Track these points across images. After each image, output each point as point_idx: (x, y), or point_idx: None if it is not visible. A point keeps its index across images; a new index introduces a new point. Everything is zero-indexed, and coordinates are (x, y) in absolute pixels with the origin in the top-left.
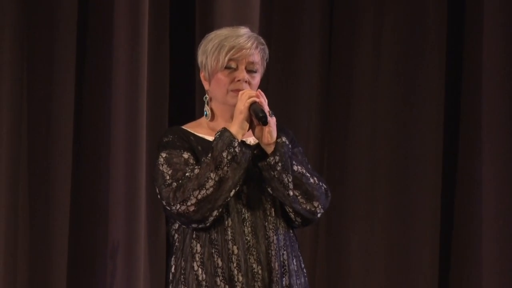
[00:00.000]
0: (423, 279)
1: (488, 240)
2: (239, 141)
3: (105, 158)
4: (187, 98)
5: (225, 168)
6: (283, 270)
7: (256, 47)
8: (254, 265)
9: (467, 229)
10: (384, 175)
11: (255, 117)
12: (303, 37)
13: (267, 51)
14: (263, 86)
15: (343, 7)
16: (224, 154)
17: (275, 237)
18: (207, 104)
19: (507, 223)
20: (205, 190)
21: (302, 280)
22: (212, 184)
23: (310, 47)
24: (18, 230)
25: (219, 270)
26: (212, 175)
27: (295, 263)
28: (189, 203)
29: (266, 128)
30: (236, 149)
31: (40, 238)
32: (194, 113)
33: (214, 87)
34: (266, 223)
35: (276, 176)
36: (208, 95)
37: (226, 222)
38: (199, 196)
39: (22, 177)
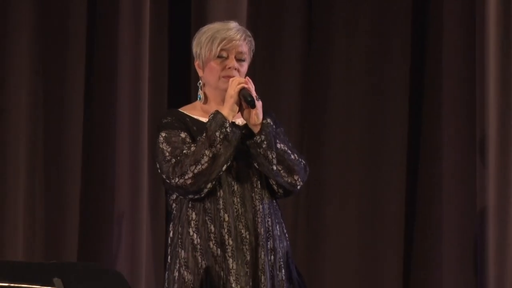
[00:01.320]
0: (389, 240)
1: (448, 210)
2: (230, 122)
3: (112, 137)
4: (183, 84)
5: (218, 145)
6: (268, 235)
7: (244, 39)
8: (243, 231)
9: (429, 200)
10: (356, 153)
11: (244, 101)
12: (286, 30)
13: (253, 43)
14: (250, 73)
15: (321, 5)
16: (217, 133)
17: (260, 206)
18: (201, 89)
19: (467, 188)
20: (200, 165)
21: (285, 243)
22: (206, 160)
23: (292, 40)
24: (36, 198)
25: (212, 235)
26: (207, 152)
27: (278, 229)
28: (186, 177)
29: (253, 111)
30: (228, 129)
31: (54, 206)
32: (190, 97)
33: (207, 74)
34: (253, 194)
35: (262, 152)
36: (201, 81)
37: (218, 193)
38: (195, 170)
39: (39, 153)
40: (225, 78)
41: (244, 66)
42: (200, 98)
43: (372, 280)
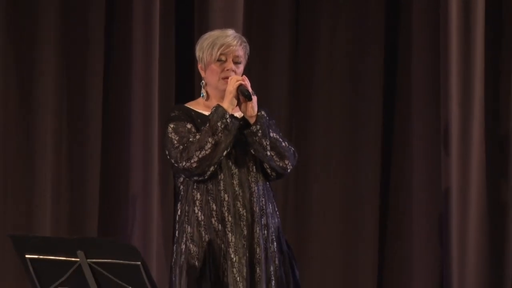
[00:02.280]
0: (367, 212)
1: (417, 189)
2: (230, 114)
3: (127, 129)
4: (188, 82)
5: (220, 134)
6: (262, 213)
7: (240, 44)
8: (240, 209)
9: (400, 179)
10: (337, 141)
11: (242, 95)
12: (276, 37)
13: (248, 47)
14: (246, 73)
15: (307, 16)
16: (219, 123)
17: (256, 187)
18: (203, 88)
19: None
20: (204, 151)
21: (276, 220)
22: (210, 146)
23: (281, 45)
24: (61, 184)
25: (214, 213)
26: (210, 139)
27: (270, 207)
28: (192, 161)
29: (249, 104)
30: (228, 120)
31: (78, 189)
32: (193, 94)
33: (209, 75)
34: (249, 177)
35: (257, 140)
36: (204, 81)
37: (219, 176)
38: (200, 155)
39: (64, 141)
40: (224, 79)
41: (240, 68)
42: (203, 96)
43: (353, 247)
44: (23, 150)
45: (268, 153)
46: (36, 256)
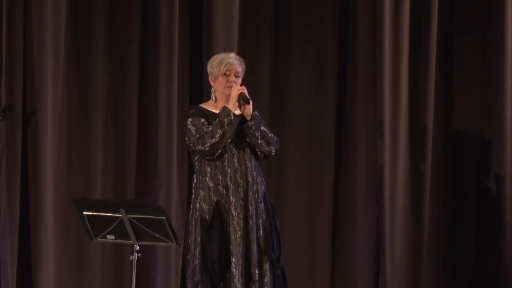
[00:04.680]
0: (327, 178)
1: (360, 164)
2: (233, 113)
3: (155, 120)
4: (198, 89)
5: (226, 127)
6: (253, 182)
7: (240, 63)
8: (239, 179)
9: (348, 157)
10: (305, 129)
11: (242, 100)
12: (261, 56)
13: (244, 66)
14: (243, 83)
15: (284, 39)
16: (225, 119)
17: (249, 164)
18: (213, 94)
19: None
20: (215, 139)
21: (263, 187)
22: (218, 136)
23: (264, 63)
24: (108, 162)
25: (220, 181)
26: (219, 130)
27: (259, 178)
28: (206, 146)
29: (247, 106)
30: (232, 117)
31: (119, 166)
32: (202, 98)
33: (217, 85)
34: (245, 157)
35: (251, 132)
36: (213, 88)
37: (224, 156)
38: (212, 142)
39: (110, 125)
40: (228, 88)
41: (239, 80)
42: (212, 99)
43: (314, 207)
44: (81, 135)
45: (259, 141)
46: (90, 213)
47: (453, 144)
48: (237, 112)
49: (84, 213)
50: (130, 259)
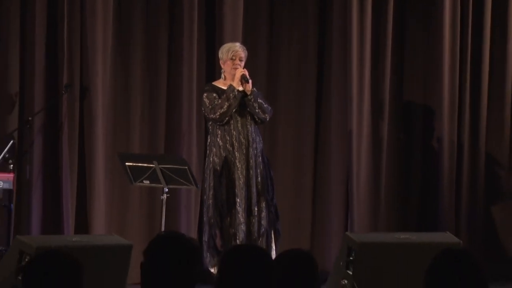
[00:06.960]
0: (309, 141)
1: (334, 147)
2: (237, 89)
3: (180, 98)
4: (212, 70)
5: (231, 100)
6: (253, 140)
7: (243, 51)
8: (242, 139)
9: (326, 120)
10: (292, 101)
11: (243, 80)
12: (259, 44)
13: (246, 52)
14: (245, 66)
15: (276, 40)
16: (231, 94)
17: (250, 127)
18: (223, 73)
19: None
20: (223, 109)
21: (261, 145)
22: (226, 107)
23: (261, 53)
24: (144, 128)
25: (227, 141)
26: (226, 103)
27: (258, 138)
28: (217, 114)
29: (247, 85)
30: (236, 92)
31: (154, 130)
32: (215, 76)
33: (226, 66)
34: (247, 122)
35: (251, 104)
36: (223, 70)
37: (231, 122)
38: (221, 111)
39: (146, 107)
40: (234, 69)
41: (243, 63)
42: (222, 78)
43: (300, 163)
44: (124, 104)
45: (257, 110)
46: (131, 164)
47: (405, 111)
48: (240, 88)
49: (126, 163)
50: (161, 198)
